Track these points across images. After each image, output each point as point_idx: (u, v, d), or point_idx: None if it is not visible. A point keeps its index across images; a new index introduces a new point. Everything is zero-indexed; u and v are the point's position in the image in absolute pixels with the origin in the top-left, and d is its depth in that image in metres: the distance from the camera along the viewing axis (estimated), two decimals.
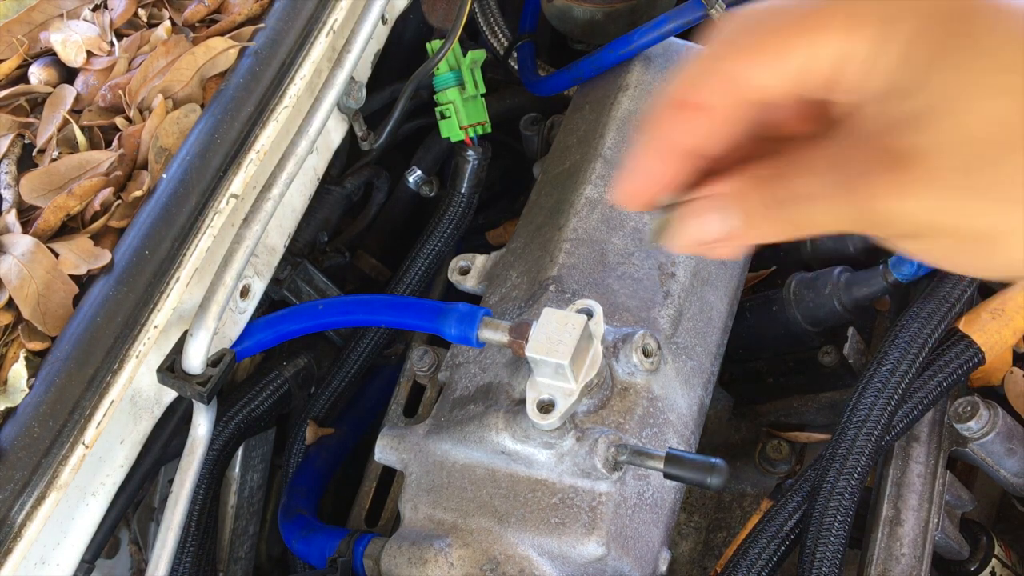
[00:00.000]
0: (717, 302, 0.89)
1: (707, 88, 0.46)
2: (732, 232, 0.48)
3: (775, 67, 0.45)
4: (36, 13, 0.98)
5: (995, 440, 0.85)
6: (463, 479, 0.79)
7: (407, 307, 0.80)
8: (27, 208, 0.83)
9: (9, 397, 0.71)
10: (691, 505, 0.99)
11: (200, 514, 0.97)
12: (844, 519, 0.77)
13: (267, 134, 0.82)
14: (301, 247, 1.09)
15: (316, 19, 0.87)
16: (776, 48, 0.45)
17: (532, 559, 0.75)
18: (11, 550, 0.65)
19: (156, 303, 0.74)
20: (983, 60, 0.41)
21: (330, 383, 1.08)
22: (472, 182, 1.10)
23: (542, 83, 1.12)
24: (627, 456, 0.73)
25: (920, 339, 0.82)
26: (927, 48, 0.43)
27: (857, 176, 0.43)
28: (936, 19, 0.43)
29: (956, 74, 0.42)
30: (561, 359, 0.69)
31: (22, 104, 0.93)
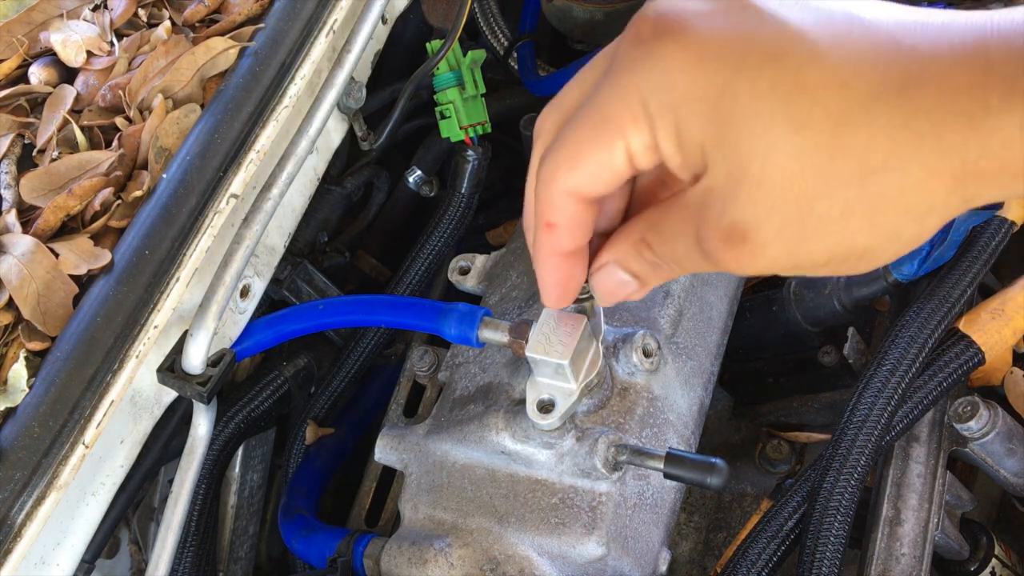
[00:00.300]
0: (717, 302, 0.89)
1: (551, 208, 0.57)
2: (633, 288, 0.59)
3: (586, 173, 0.54)
4: (36, 13, 0.98)
5: (995, 440, 0.85)
6: (463, 479, 0.79)
7: (407, 307, 0.80)
8: (27, 208, 0.83)
9: (9, 397, 0.71)
10: (691, 505, 0.99)
11: (200, 514, 0.97)
12: (844, 519, 0.77)
13: (267, 134, 0.82)
14: (301, 247, 1.09)
15: (316, 19, 0.87)
16: (580, 159, 0.54)
17: (532, 559, 0.75)
18: (11, 550, 0.65)
19: (156, 303, 0.74)
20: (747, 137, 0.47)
21: (330, 383, 1.08)
22: (472, 182, 1.10)
23: (542, 83, 1.12)
24: (627, 456, 0.73)
25: (920, 339, 0.82)
26: (695, 134, 0.49)
27: (708, 251, 0.51)
28: (694, 106, 0.48)
29: (731, 153, 0.47)
30: (561, 359, 0.69)
31: (22, 104, 0.93)
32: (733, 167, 0.48)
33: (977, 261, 0.86)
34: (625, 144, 0.52)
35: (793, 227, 0.47)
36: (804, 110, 0.45)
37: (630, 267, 0.59)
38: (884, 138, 0.44)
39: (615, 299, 0.62)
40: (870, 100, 0.44)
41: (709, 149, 0.49)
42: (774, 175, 0.46)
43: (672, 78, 0.49)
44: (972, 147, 0.43)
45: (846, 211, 0.46)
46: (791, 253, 0.48)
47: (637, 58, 0.50)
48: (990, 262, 0.86)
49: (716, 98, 0.47)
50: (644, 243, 0.57)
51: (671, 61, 0.49)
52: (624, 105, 0.51)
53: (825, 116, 0.45)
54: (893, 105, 0.44)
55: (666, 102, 0.49)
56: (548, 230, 0.58)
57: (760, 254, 0.48)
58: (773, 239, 0.48)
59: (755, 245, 0.48)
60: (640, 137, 0.52)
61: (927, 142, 0.43)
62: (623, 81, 0.51)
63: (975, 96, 0.42)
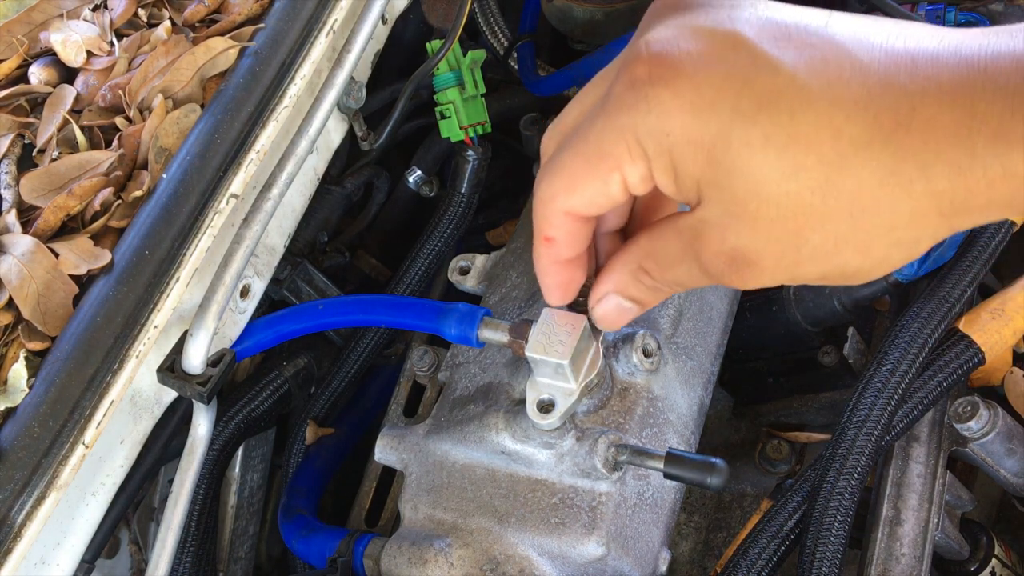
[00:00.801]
0: (717, 302, 0.89)
1: (550, 225, 0.59)
2: (635, 313, 0.62)
3: (582, 197, 0.56)
4: (36, 13, 0.98)
5: (995, 440, 0.85)
6: (463, 479, 0.79)
7: (407, 307, 0.80)
8: (27, 208, 0.83)
9: (9, 397, 0.71)
10: (691, 505, 0.99)
11: (200, 514, 0.97)
12: (844, 519, 0.77)
13: (267, 134, 0.82)
14: (301, 247, 1.09)
15: (316, 19, 0.87)
16: (576, 186, 0.56)
17: (532, 559, 0.75)
18: (11, 550, 0.65)
19: (156, 303, 0.74)
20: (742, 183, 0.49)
21: (330, 383, 1.08)
22: (472, 182, 1.10)
23: (542, 83, 1.12)
24: (627, 456, 0.73)
25: (920, 339, 0.82)
26: (691, 174, 0.51)
27: (712, 273, 0.53)
28: (689, 150, 0.50)
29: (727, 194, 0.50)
30: (561, 359, 0.69)
31: (22, 104, 0.93)
32: (729, 205, 0.50)
33: (977, 261, 0.86)
34: (621, 176, 0.54)
35: (790, 254, 0.50)
36: (798, 159, 0.47)
37: (630, 294, 0.61)
38: (875, 182, 0.46)
39: (618, 325, 0.65)
40: (861, 147, 0.46)
41: (704, 188, 0.51)
42: (769, 212, 0.49)
43: (667, 123, 0.50)
44: (959, 190, 0.45)
45: (839, 243, 0.48)
46: (791, 274, 0.51)
47: (632, 101, 0.52)
48: (990, 262, 0.86)
49: (711, 145, 0.49)
50: (642, 271, 0.59)
51: (667, 106, 0.50)
52: (620, 143, 0.53)
53: (818, 163, 0.46)
54: (883, 152, 0.45)
55: (663, 145, 0.51)
56: (547, 243, 0.61)
57: (762, 274, 0.51)
58: (773, 264, 0.51)
59: (755, 268, 0.51)
60: (636, 170, 0.54)
61: (916, 187, 0.45)
62: (619, 122, 0.53)
63: (962, 141, 0.43)
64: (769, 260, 0.51)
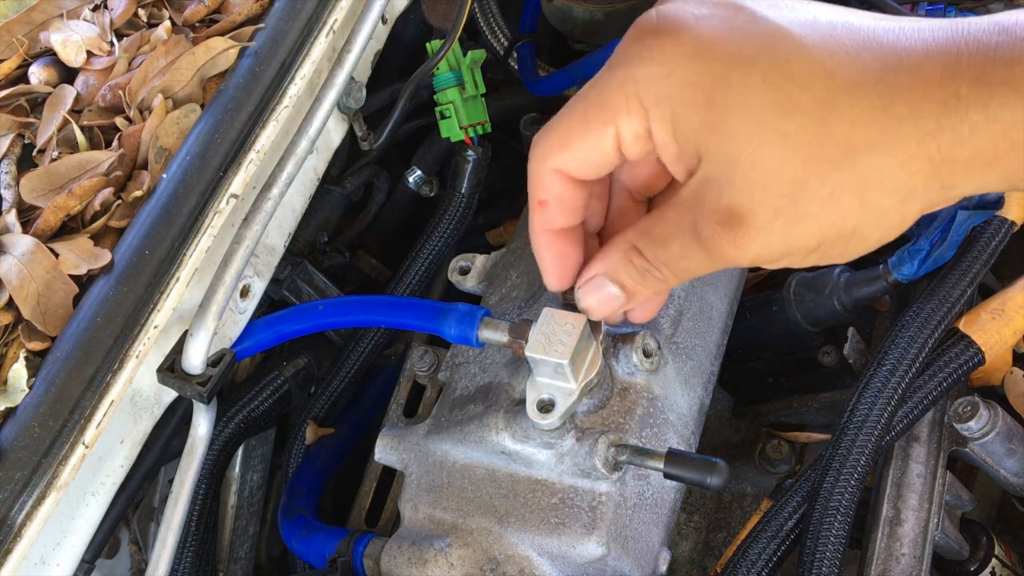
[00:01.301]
0: (717, 302, 0.89)
1: (542, 186, 0.60)
2: (621, 301, 0.62)
3: (574, 155, 0.57)
4: (36, 13, 0.98)
5: (995, 440, 0.85)
6: (463, 479, 0.79)
7: (407, 307, 0.80)
8: (27, 208, 0.83)
9: (9, 397, 0.71)
10: (691, 505, 0.99)
11: (200, 514, 0.97)
12: (844, 519, 0.77)
13: (267, 134, 0.82)
14: (301, 247, 1.09)
15: (316, 19, 0.87)
16: (569, 141, 0.57)
17: (532, 559, 0.75)
18: (11, 550, 0.65)
19: (156, 303, 0.74)
20: (740, 122, 0.50)
21: (330, 383, 1.08)
22: (472, 182, 1.10)
23: (542, 83, 1.12)
24: (627, 456, 0.73)
25: (920, 339, 0.82)
26: (690, 122, 0.52)
27: (705, 238, 0.53)
28: (689, 94, 0.52)
29: (726, 139, 0.51)
30: (560, 359, 0.69)
31: (22, 104, 0.93)
32: (728, 152, 0.51)
33: (977, 261, 0.86)
34: (615, 130, 0.56)
35: (787, 208, 0.50)
36: (793, 97, 0.49)
37: (619, 277, 0.61)
38: (866, 120, 0.48)
39: (603, 313, 0.64)
40: (852, 87, 0.48)
41: (704, 137, 0.52)
42: (767, 157, 0.49)
43: (669, 69, 0.52)
44: (946, 133, 0.47)
45: (836, 191, 0.49)
46: (785, 236, 0.51)
47: (636, 53, 0.54)
48: (990, 262, 0.86)
49: (710, 87, 0.51)
50: (635, 250, 0.59)
51: (669, 55, 0.52)
52: (619, 93, 0.55)
53: (812, 101, 0.49)
54: (873, 91, 0.48)
55: (662, 91, 0.53)
56: (539, 207, 0.61)
57: (755, 237, 0.51)
58: (769, 221, 0.51)
59: (751, 228, 0.51)
60: (631, 125, 0.55)
61: (905, 126, 0.47)
62: (621, 72, 0.55)
63: (947, 85, 0.46)
64: (765, 215, 0.51)
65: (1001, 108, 0.46)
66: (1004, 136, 0.46)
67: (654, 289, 0.61)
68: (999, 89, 0.45)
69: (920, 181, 0.49)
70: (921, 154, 0.48)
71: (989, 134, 0.46)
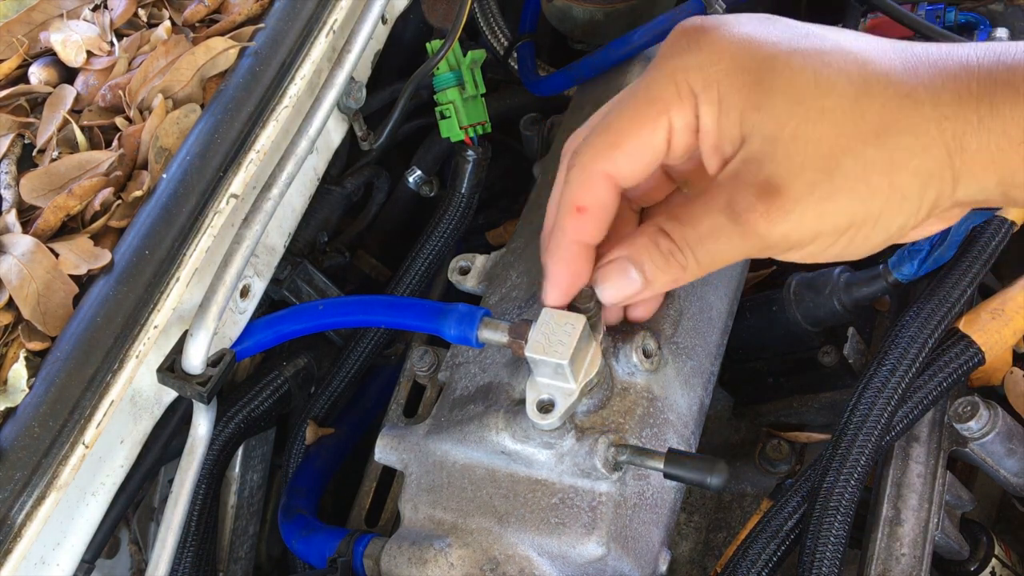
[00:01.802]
0: (717, 302, 0.89)
1: (587, 192, 0.61)
2: (637, 288, 0.63)
3: (626, 154, 0.59)
4: (36, 13, 0.98)
5: (995, 440, 0.85)
6: (463, 479, 0.79)
7: (407, 308, 0.80)
8: (27, 208, 0.83)
9: (9, 397, 0.71)
10: (691, 505, 0.99)
11: (200, 514, 0.97)
12: (844, 519, 0.77)
13: (267, 134, 0.82)
14: (301, 247, 1.09)
15: (316, 19, 0.87)
16: (622, 140, 0.59)
17: (532, 559, 0.75)
18: (11, 550, 0.65)
19: (156, 303, 0.74)
20: (783, 100, 0.54)
21: (330, 383, 1.08)
22: (472, 182, 1.10)
23: (542, 83, 1.12)
24: (627, 456, 0.73)
25: (920, 339, 0.82)
26: (736, 103, 0.56)
27: (740, 211, 0.55)
28: (736, 78, 0.56)
29: (769, 116, 0.55)
30: (560, 359, 0.69)
31: (22, 104, 0.93)
32: (770, 130, 0.55)
33: (977, 261, 0.86)
34: (668, 122, 0.58)
35: (822, 183, 0.54)
36: (832, 79, 0.54)
37: (642, 261, 0.62)
38: (895, 105, 0.53)
39: (617, 297, 0.64)
40: (883, 74, 0.54)
41: (748, 116, 0.56)
42: (808, 132, 0.54)
43: (717, 56, 0.56)
44: (959, 120, 0.52)
45: (867, 168, 0.54)
46: (818, 212, 0.55)
47: (684, 46, 0.58)
48: (990, 262, 0.86)
49: (756, 70, 0.55)
50: (662, 232, 0.60)
51: (716, 45, 0.57)
52: (670, 84, 0.58)
53: (849, 84, 0.54)
54: (901, 79, 0.54)
55: (711, 77, 0.56)
56: (577, 215, 0.63)
57: (791, 210, 0.54)
58: (804, 194, 0.54)
59: (786, 200, 0.54)
60: (683, 115, 0.58)
61: (926, 110, 0.53)
62: (669, 66, 0.58)
63: (960, 80, 0.53)
64: (800, 188, 0.54)
65: (1003, 103, 0.51)
66: (1004, 132, 0.52)
67: (673, 277, 0.62)
68: (1002, 88, 0.51)
69: (937, 167, 0.53)
70: (939, 140, 0.52)
71: (991, 128, 0.51)
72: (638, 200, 0.70)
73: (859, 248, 0.57)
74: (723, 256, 0.59)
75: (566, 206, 0.63)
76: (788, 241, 0.56)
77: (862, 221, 0.55)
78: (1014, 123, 0.51)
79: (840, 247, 0.57)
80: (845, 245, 0.57)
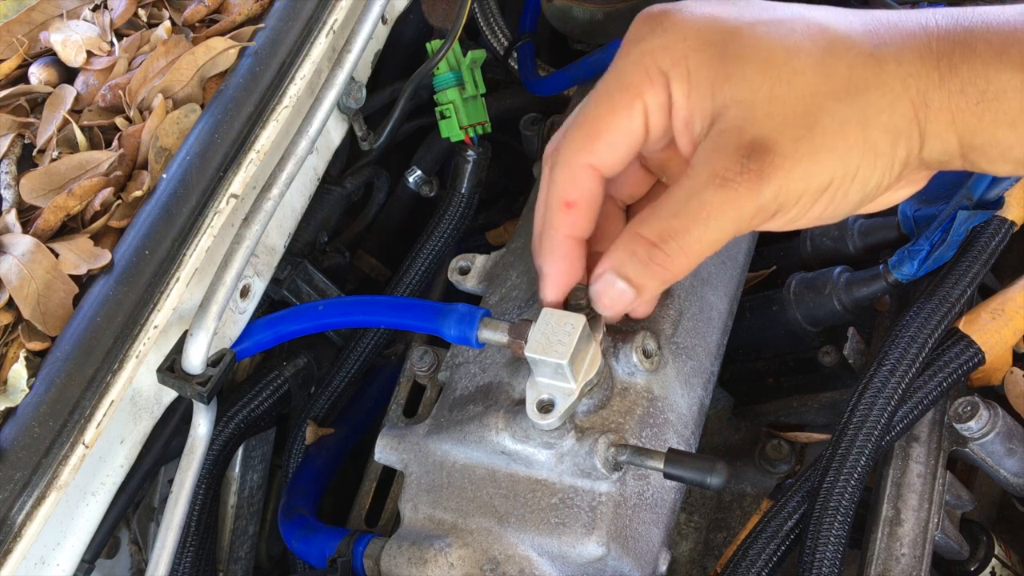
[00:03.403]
0: (717, 302, 0.89)
1: (572, 186, 0.61)
2: (631, 298, 0.63)
3: (606, 143, 0.60)
4: (36, 13, 0.98)
5: (995, 440, 0.85)
6: (463, 479, 0.79)
7: (406, 308, 0.80)
8: (27, 208, 0.83)
9: (9, 397, 0.71)
10: (691, 505, 0.99)
11: (200, 514, 0.97)
12: (844, 519, 0.77)
13: (267, 134, 0.82)
14: (301, 247, 1.09)
15: (316, 19, 0.87)
16: (600, 130, 0.60)
17: (532, 559, 0.75)
18: (11, 550, 0.65)
19: (156, 303, 0.74)
20: (752, 67, 0.55)
21: (330, 383, 1.08)
22: (472, 182, 1.10)
23: (542, 83, 1.12)
24: (627, 456, 0.73)
25: (920, 339, 0.82)
26: (706, 76, 0.57)
27: (731, 177, 0.56)
28: (703, 52, 0.57)
29: (741, 84, 0.56)
30: (560, 359, 0.69)
31: (22, 104, 0.93)
32: (744, 97, 0.56)
33: (977, 261, 0.86)
34: (643, 105, 0.59)
35: (805, 139, 0.55)
36: (797, 43, 0.56)
37: (625, 272, 0.62)
38: (860, 64, 0.55)
39: (615, 309, 0.65)
40: (844, 36, 0.56)
41: (719, 87, 0.57)
42: (783, 92, 0.55)
43: (682, 35, 0.58)
44: (922, 77, 0.54)
45: (844, 124, 0.55)
46: (805, 168, 0.55)
47: (647, 32, 0.59)
48: (990, 262, 0.86)
49: (721, 43, 0.57)
50: (638, 237, 0.60)
51: (679, 25, 0.58)
52: (639, 68, 0.58)
53: (813, 46, 0.55)
54: (863, 40, 0.55)
55: (678, 54, 0.58)
56: (567, 210, 0.63)
57: (781, 165, 0.55)
58: (791, 149, 0.55)
59: (776, 155, 0.55)
60: (656, 96, 0.59)
61: (891, 67, 0.54)
62: (636, 51, 0.59)
63: (921, 39, 0.54)
64: (787, 143, 0.55)
65: (960, 63, 0.53)
66: (961, 91, 0.53)
67: (661, 279, 0.61)
68: (960, 48, 0.53)
69: (904, 123, 0.55)
70: (904, 96, 0.54)
71: (950, 87, 0.53)
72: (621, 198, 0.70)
73: (838, 208, 0.58)
74: (714, 235, 0.59)
75: (555, 203, 0.63)
76: (776, 201, 0.57)
77: (841, 179, 0.56)
78: (971, 83, 0.53)
79: (820, 208, 0.58)
80: (825, 205, 0.58)
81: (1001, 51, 0.53)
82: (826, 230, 1.00)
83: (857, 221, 0.99)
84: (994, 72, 0.53)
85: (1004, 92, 0.53)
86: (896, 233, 0.94)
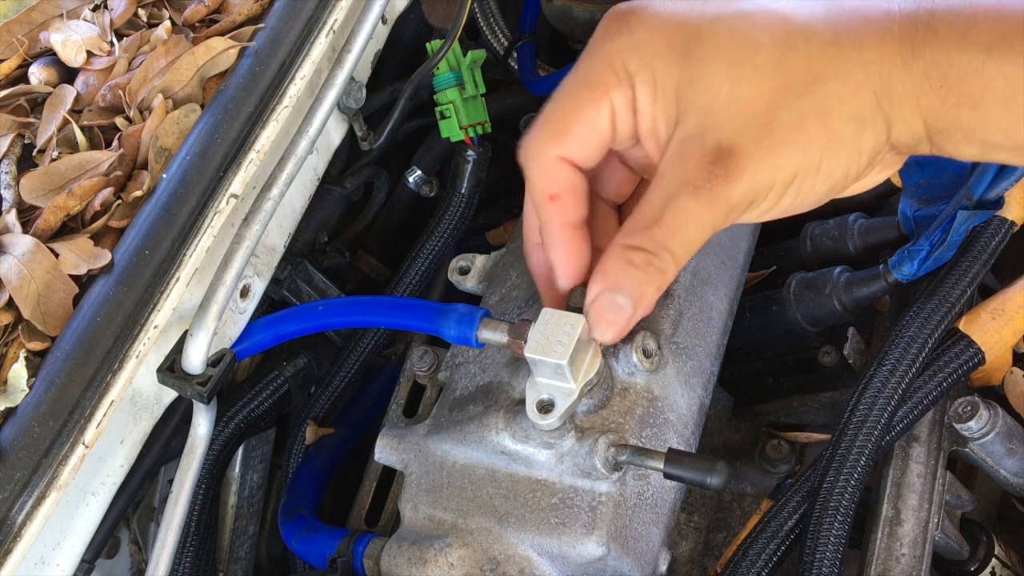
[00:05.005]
0: (717, 302, 0.89)
1: (550, 181, 0.63)
2: (630, 313, 0.63)
3: (577, 137, 0.61)
4: (36, 13, 0.98)
5: (995, 440, 0.85)
6: (463, 479, 0.79)
7: (406, 308, 0.80)
8: (27, 208, 0.83)
9: (9, 397, 0.71)
10: (691, 505, 0.99)
11: (200, 514, 0.97)
12: (844, 519, 0.77)
13: (267, 134, 0.82)
14: (301, 247, 1.09)
15: (316, 19, 0.87)
16: (567, 126, 0.61)
17: (532, 559, 0.75)
18: (11, 550, 0.65)
19: (156, 303, 0.74)
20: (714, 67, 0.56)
21: (330, 383, 1.08)
22: (472, 182, 1.10)
23: (542, 83, 1.12)
24: (627, 456, 0.73)
25: (920, 339, 0.82)
26: (671, 82, 0.57)
27: (701, 184, 0.56)
28: (668, 56, 0.57)
29: (702, 88, 0.56)
30: (560, 359, 0.69)
31: (22, 104, 0.93)
32: (707, 98, 0.56)
33: (977, 261, 0.86)
34: (610, 103, 0.60)
35: (765, 137, 0.55)
36: (756, 38, 0.56)
37: (622, 286, 0.62)
38: (819, 54, 0.55)
39: (616, 331, 0.65)
40: (805, 26, 0.55)
41: (683, 91, 0.57)
42: (741, 93, 0.55)
43: (648, 36, 0.58)
44: (884, 63, 0.54)
45: (803, 119, 0.55)
46: (769, 165, 0.56)
47: (615, 31, 0.59)
48: (990, 262, 0.86)
49: (683, 46, 0.57)
50: (628, 248, 0.60)
51: (645, 25, 0.58)
52: (607, 67, 0.59)
53: (772, 40, 0.56)
54: (824, 29, 0.55)
55: (644, 57, 0.58)
56: (552, 203, 0.64)
57: (745, 166, 0.56)
58: (753, 149, 0.56)
59: (740, 157, 0.56)
60: (622, 95, 0.59)
61: (852, 56, 0.54)
62: (604, 50, 0.59)
63: (883, 24, 0.54)
64: (748, 144, 0.55)
65: (923, 46, 0.53)
66: (925, 74, 0.53)
67: (657, 284, 0.61)
68: (923, 30, 0.53)
69: (867, 111, 0.55)
70: (866, 84, 0.54)
71: (914, 70, 0.53)
72: (611, 198, 0.70)
73: (807, 198, 0.58)
74: (695, 238, 0.60)
75: (539, 199, 0.64)
76: (746, 199, 0.57)
77: (805, 171, 0.56)
78: (934, 66, 0.53)
79: (790, 199, 0.58)
80: (794, 197, 0.58)
81: (963, 32, 0.52)
82: (826, 230, 1.00)
83: (857, 221, 0.99)
84: (956, 54, 0.52)
85: (966, 74, 0.52)
86: (896, 233, 0.94)
